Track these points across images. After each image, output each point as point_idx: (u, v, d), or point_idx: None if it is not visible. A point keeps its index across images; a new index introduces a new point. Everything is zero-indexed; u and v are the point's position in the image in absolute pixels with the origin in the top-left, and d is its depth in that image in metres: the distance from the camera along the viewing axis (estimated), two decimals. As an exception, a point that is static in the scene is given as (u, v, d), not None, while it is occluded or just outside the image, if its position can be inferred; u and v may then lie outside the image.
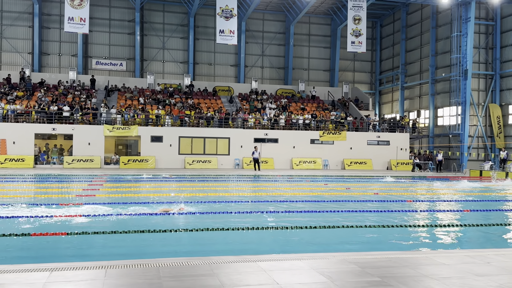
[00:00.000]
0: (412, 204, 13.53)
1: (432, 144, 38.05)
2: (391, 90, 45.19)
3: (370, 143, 33.61)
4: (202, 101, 36.47)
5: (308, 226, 8.98)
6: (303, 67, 44.24)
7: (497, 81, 34.73)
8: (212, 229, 8.32)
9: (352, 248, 7.43)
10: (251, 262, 5.46)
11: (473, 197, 15.59)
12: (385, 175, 26.53)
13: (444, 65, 37.07)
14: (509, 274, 5.26)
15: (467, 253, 6.37)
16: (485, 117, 35.30)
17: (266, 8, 42.21)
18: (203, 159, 30.88)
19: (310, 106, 37.88)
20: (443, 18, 37.33)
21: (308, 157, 32.47)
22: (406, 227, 9.30)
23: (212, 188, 17.75)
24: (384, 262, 5.65)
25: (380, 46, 46.44)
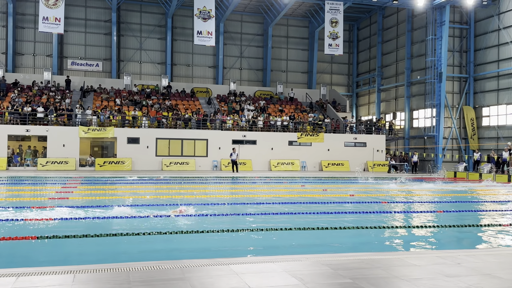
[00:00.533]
0: (387, 205, 13.67)
1: (408, 146, 38.62)
2: (368, 92, 45.72)
3: (347, 145, 33.91)
4: (180, 103, 36.23)
5: (284, 228, 8.97)
6: (281, 69, 44.40)
7: (471, 84, 35.47)
8: (187, 232, 8.24)
9: (327, 249, 7.46)
10: (223, 265, 5.42)
11: (447, 198, 15.85)
12: (361, 176, 26.80)
13: (419, 68, 37.68)
14: (478, 275, 5.34)
15: (438, 254, 6.45)
16: (459, 119, 36.00)
17: (244, 9, 42.23)
18: (181, 161, 30.66)
19: (288, 108, 38.03)
20: (419, 22, 37.96)
21: (286, 159, 32.57)
22: (380, 228, 9.38)
23: (189, 190, 17.61)
24: (356, 263, 5.68)
25: (357, 48, 46.95)
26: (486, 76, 34.21)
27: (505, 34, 32.11)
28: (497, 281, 5.08)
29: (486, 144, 34.01)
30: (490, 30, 33.58)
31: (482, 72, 34.43)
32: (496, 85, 33.35)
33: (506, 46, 32.04)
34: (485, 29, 34.07)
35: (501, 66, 32.63)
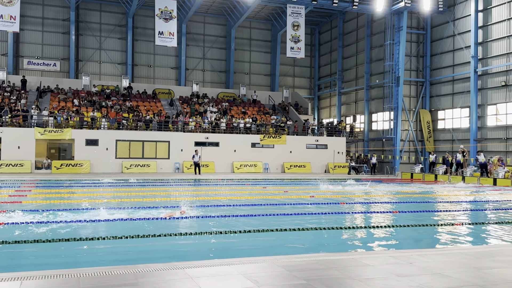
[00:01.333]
0: (345, 206, 13.90)
1: (367, 148, 39.46)
2: (329, 95, 46.44)
3: (309, 147, 34.30)
4: (141, 104, 35.67)
5: (243, 230, 8.96)
6: (245, 71, 44.47)
7: (427, 88, 36.62)
8: (144, 236, 8.10)
9: (285, 251, 7.50)
10: (178, 269, 5.35)
11: (403, 199, 16.27)
12: (322, 178, 27.17)
13: (378, 72, 38.59)
14: (429, 274, 5.50)
15: (391, 254, 6.61)
16: (416, 122, 37.07)
17: (207, 11, 42.06)
18: (142, 163, 30.17)
19: (251, 110, 38.12)
20: (378, 27, 38.89)
21: (249, 161, 32.62)
22: (338, 229, 9.52)
23: (149, 193, 17.34)
24: (311, 264, 5.73)
25: (318, 52, 47.62)
26: (442, 81, 35.40)
27: (459, 39, 33.34)
28: (447, 280, 5.24)
29: (441, 146, 35.18)
30: (445, 36, 34.79)
31: (438, 77, 35.60)
32: (451, 89, 34.56)
33: (461, 51, 33.27)
34: (441, 35, 35.27)
35: (456, 70, 33.85)
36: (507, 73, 29.71)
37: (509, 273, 5.56)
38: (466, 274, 5.50)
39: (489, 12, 31.00)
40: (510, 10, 29.47)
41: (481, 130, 31.58)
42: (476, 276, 5.43)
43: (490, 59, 30.94)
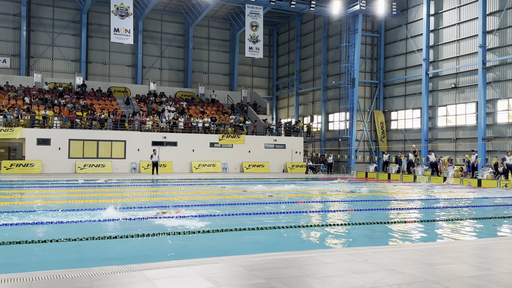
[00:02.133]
0: (303, 205, 14.09)
1: (324, 148, 40.16)
2: (287, 95, 46.91)
3: (268, 147, 34.51)
4: (95, 102, 34.76)
5: (202, 230, 8.92)
6: (203, 70, 44.20)
7: (381, 89, 37.67)
8: (103, 238, 7.90)
9: (244, 251, 7.51)
10: (136, 271, 5.26)
11: (358, 198, 16.67)
12: (281, 177, 27.44)
13: (334, 73, 39.34)
14: (384, 271, 5.66)
15: (348, 251, 6.76)
16: (370, 123, 38.06)
17: (165, 9, 41.51)
18: (96, 163, 29.40)
19: (210, 110, 37.94)
20: (334, 29, 39.64)
21: (208, 161, 32.46)
22: (296, 227, 9.64)
23: (104, 194, 16.93)
24: (270, 263, 5.78)
25: (277, 53, 48.01)
26: (395, 82, 36.52)
27: (412, 42, 34.48)
28: (401, 276, 5.41)
29: (394, 146, 36.29)
30: (398, 39, 35.90)
31: (391, 79, 36.70)
32: (403, 91, 35.70)
33: (413, 54, 34.43)
34: (394, 38, 36.37)
35: (408, 73, 35.00)
36: (457, 76, 31.00)
37: (459, 269, 5.81)
38: (419, 270, 5.71)
39: (440, 16, 32.25)
40: (459, 15, 30.77)
41: (432, 131, 32.80)
42: (429, 272, 5.64)
43: (440, 62, 32.19)
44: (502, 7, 27.56)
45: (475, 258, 6.53)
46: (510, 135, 27.05)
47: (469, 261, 6.32)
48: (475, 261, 6.34)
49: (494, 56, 28.17)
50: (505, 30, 27.50)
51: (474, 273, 5.57)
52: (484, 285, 5.06)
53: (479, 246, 7.59)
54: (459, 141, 30.60)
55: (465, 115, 30.43)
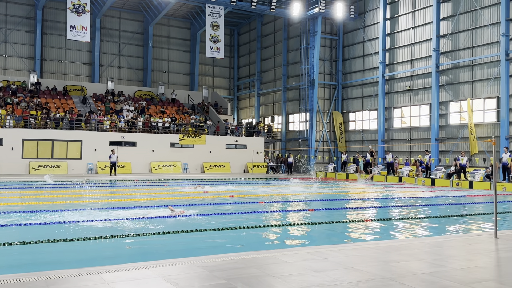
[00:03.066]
0: (264, 205, 14.17)
1: (284, 148, 40.53)
2: (248, 96, 47.04)
3: (229, 147, 34.49)
4: (50, 101, 33.65)
5: (162, 232, 8.81)
6: (163, 69, 43.65)
7: (340, 91, 38.40)
8: (59, 240, 7.67)
9: (205, 251, 7.48)
10: (93, 274, 5.14)
11: (318, 197, 16.93)
12: (242, 178, 27.49)
13: (295, 74, 39.77)
14: (343, 269, 5.78)
15: (308, 250, 6.86)
16: (329, 124, 38.72)
17: (123, 6, 40.72)
18: (51, 164, 28.48)
19: (170, 109, 37.51)
20: (294, 31, 40.08)
21: (168, 161, 32.07)
22: (257, 227, 9.69)
23: (59, 196, 16.43)
24: (231, 264, 5.79)
25: (237, 53, 48.04)
26: (353, 84, 37.31)
27: (369, 46, 35.34)
28: (359, 273, 5.55)
29: (352, 146, 37.07)
30: (356, 42, 36.69)
31: (349, 80, 37.47)
32: (361, 93, 36.53)
33: (370, 57, 35.29)
34: (352, 41, 37.16)
35: (366, 75, 35.85)
36: (412, 78, 32.01)
37: (414, 266, 6.01)
38: (377, 268, 5.86)
39: (396, 20, 33.20)
40: (415, 19, 31.78)
41: (388, 132, 33.72)
42: (386, 269, 5.81)
43: (396, 64, 33.14)
44: (455, 12, 28.69)
45: (429, 255, 6.78)
46: (461, 136, 28.18)
47: (423, 258, 6.55)
48: (429, 258, 6.58)
49: (447, 60, 29.27)
50: (458, 35, 28.64)
51: (429, 270, 5.78)
52: (438, 281, 5.25)
53: (433, 243, 7.88)
54: (414, 141, 31.61)
55: (419, 117, 31.46)
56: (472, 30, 27.74)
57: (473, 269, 5.85)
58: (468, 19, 28.08)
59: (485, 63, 27.12)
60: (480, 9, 27.09)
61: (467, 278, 5.38)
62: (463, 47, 28.24)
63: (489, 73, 26.77)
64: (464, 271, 5.75)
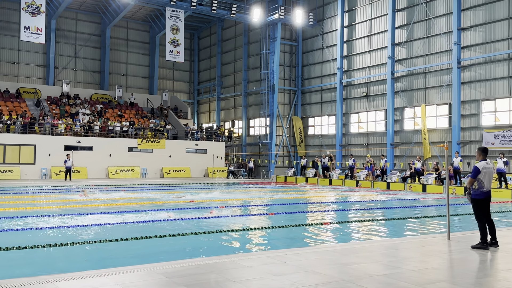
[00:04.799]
0: (224, 209, 14.12)
1: (245, 152, 40.61)
2: (209, 100, 46.86)
3: (189, 151, 34.21)
4: (2, 104, 32.32)
5: (120, 238, 8.63)
6: (121, 72, 42.84)
7: (299, 96, 38.89)
8: (11, 248, 7.36)
9: (164, 258, 7.38)
10: (48, 282, 4.97)
11: (279, 201, 17.05)
12: (202, 182, 27.32)
13: (255, 79, 39.98)
14: (302, 272, 5.85)
15: (268, 254, 6.90)
16: (289, 128, 39.12)
17: (80, 7, 39.72)
18: (3, 169, 27.34)
19: (128, 113, 36.82)
20: (254, 36, 40.31)
21: (126, 166, 31.46)
22: (218, 232, 9.65)
23: (12, 202, 15.79)
24: (191, 269, 5.74)
25: (198, 57, 47.82)
26: (312, 90, 37.88)
27: (327, 52, 36.00)
28: (318, 276, 5.63)
29: (311, 151, 37.59)
30: (315, 48, 37.30)
31: (309, 86, 38.03)
32: (320, 98, 37.13)
33: (328, 63, 35.95)
34: (311, 47, 37.75)
35: (324, 81, 36.48)
36: (368, 85, 32.84)
37: (371, 268, 6.16)
38: (335, 270, 5.97)
39: (353, 28, 34.01)
40: (371, 27, 32.65)
41: (345, 136, 34.42)
42: (343, 271, 5.93)
43: (353, 71, 33.92)
44: (409, 21, 29.69)
45: (385, 257, 6.96)
46: (415, 141, 29.13)
47: (380, 260, 6.72)
48: (385, 260, 6.76)
49: (401, 67, 30.23)
50: (412, 43, 29.64)
51: (385, 272, 5.94)
52: (394, 282, 5.41)
53: (389, 245, 8.10)
54: (370, 146, 32.40)
55: (375, 122, 32.30)
56: (426, 39, 28.80)
57: (427, 270, 6.06)
58: (422, 28, 29.13)
59: (438, 71, 28.20)
60: (433, 18, 28.17)
61: (421, 279, 5.56)
62: (417, 55, 29.25)
63: (442, 80, 27.84)
64: (419, 272, 5.95)
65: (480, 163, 7.92)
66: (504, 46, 24.68)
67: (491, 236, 7.79)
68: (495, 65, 25.15)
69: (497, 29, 25.00)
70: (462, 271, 6.18)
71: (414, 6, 29.39)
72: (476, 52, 26.00)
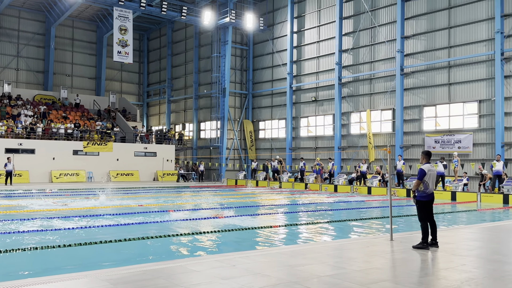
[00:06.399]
0: (174, 213, 13.96)
1: (196, 156, 40.31)
2: (159, 102, 46.18)
3: (138, 155, 33.54)
4: None
5: (63, 244, 8.34)
6: (66, 72, 41.40)
7: (250, 100, 39.12)
8: None
9: (110, 264, 7.20)
10: (-16, 294, 4.73)
11: (230, 204, 17.05)
12: (151, 186, 26.85)
13: (206, 82, 39.81)
14: (250, 275, 5.89)
15: (216, 258, 6.89)
16: (240, 132, 39.24)
17: (23, 5, 38.06)
18: None
19: (74, 115, 35.60)
20: (205, 39, 40.18)
21: (71, 169, 30.39)
22: (166, 237, 9.53)
23: None
24: (138, 275, 5.64)
25: (147, 58, 47.04)
26: (262, 94, 38.21)
27: (278, 57, 36.46)
28: (266, 279, 5.69)
29: (262, 154, 37.88)
30: (266, 53, 37.69)
31: (259, 90, 38.34)
32: (270, 102, 37.52)
33: (279, 68, 36.42)
34: (262, 51, 38.10)
35: (275, 85, 36.90)
36: (317, 90, 33.54)
37: (317, 269, 6.30)
38: (283, 272, 6.06)
39: (303, 34, 34.65)
40: (319, 34, 33.39)
41: (295, 140, 34.95)
42: (291, 273, 6.02)
43: (303, 76, 34.54)
44: (356, 29, 30.61)
45: (331, 258, 7.14)
46: (361, 145, 30.03)
47: (326, 261, 6.89)
48: (331, 261, 6.93)
49: (348, 73, 31.11)
50: (358, 50, 30.57)
51: (331, 272, 6.09)
52: (339, 283, 5.56)
53: (335, 246, 8.31)
54: (319, 150, 33.08)
55: (323, 126, 33.02)
56: (371, 46, 29.80)
57: (370, 270, 6.27)
58: (368, 35, 30.12)
59: (382, 77, 29.23)
60: (378, 26, 29.20)
61: (365, 279, 5.75)
62: (363, 61, 30.20)
63: (386, 86, 28.88)
64: (363, 272, 6.14)
65: (425, 166, 8.27)
66: (444, 54, 25.97)
67: (432, 237, 8.14)
68: (435, 73, 26.41)
69: (438, 38, 26.28)
70: (404, 271, 6.43)
71: (360, 14, 30.35)
72: (418, 59, 27.19)
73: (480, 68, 24.43)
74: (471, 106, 24.82)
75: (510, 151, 23.06)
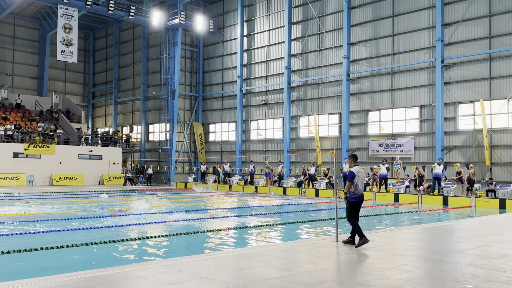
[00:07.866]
0: (118, 218, 13.60)
1: (144, 159, 39.51)
2: (105, 104, 44.91)
3: (82, 157, 32.43)
4: None
5: (1, 251, 7.92)
6: (6, 71, 39.44)
7: (200, 102, 38.86)
8: None
9: (52, 271, 6.90)
10: None
11: (178, 208, 16.83)
12: (96, 190, 26.05)
13: (155, 84, 39.15)
14: (197, 279, 5.83)
15: (163, 263, 6.77)
16: (190, 134, 38.88)
17: (-42, -2, 35.88)
18: None
19: (14, 116, 33.92)
20: (154, 40, 39.52)
21: (10, 173, 28.94)
22: (110, 242, 9.27)
23: None
24: (80, 283, 5.44)
25: (93, 58, 45.66)
26: (213, 96, 38.08)
27: (228, 60, 36.47)
28: (213, 283, 5.65)
29: (212, 157, 37.71)
30: (216, 55, 37.59)
31: (210, 93, 38.17)
32: (221, 105, 37.44)
33: (229, 71, 36.43)
34: (212, 54, 37.97)
35: (225, 88, 36.88)
36: (267, 93, 33.83)
37: (265, 272, 6.33)
38: (230, 276, 6.04)
39: (253, 37, 34.86)
40: (269, 38, 33.71)
41: (245, 143, 35.06)
42: (239, 276, 6.02)
43: (253, 79, 34.73)
44: (304, 34, 31.15)
45: (279, 260, 7.20)
46: (310, 148, 30.56)
47: (273, 263, 6.94)
48: (278, 263, 6.99)
49: (297, 77, 31.60)
50: (307, 55, 31.13)
51: (278, 274, 6.14)
52: (286, 285, 5.61)
53: (283, 249, 8.39)
54: (268, 153, 33.35)
55: (273, 129, 33.34)
56: (319, 51, 30.43)
57: (317, 272, 6.38)
58: (316, 41, 30.74)
59: (329, 82, 29.91)
60: (326, 32, 29.87)
61: (311, 281, 5.84)
62: (311, 66, 30.78)
63: (333, 91, 29.58)
64: (309, 273, 6.24)
65: (354, 168, 8.61)
66: (388, 61, 26.95)
67: (352, 235, 8.58)
68: (380, 78, 27.34)
69: (382, 45, 27.23)
70: (349, 271, 6.59)
71: (308, 20, 30.93)
72: (363, 65, 28.06)
73: (422, 75, 25.54)
74: (413, 111, 25.89)
75: (449, 155, 24.24)
